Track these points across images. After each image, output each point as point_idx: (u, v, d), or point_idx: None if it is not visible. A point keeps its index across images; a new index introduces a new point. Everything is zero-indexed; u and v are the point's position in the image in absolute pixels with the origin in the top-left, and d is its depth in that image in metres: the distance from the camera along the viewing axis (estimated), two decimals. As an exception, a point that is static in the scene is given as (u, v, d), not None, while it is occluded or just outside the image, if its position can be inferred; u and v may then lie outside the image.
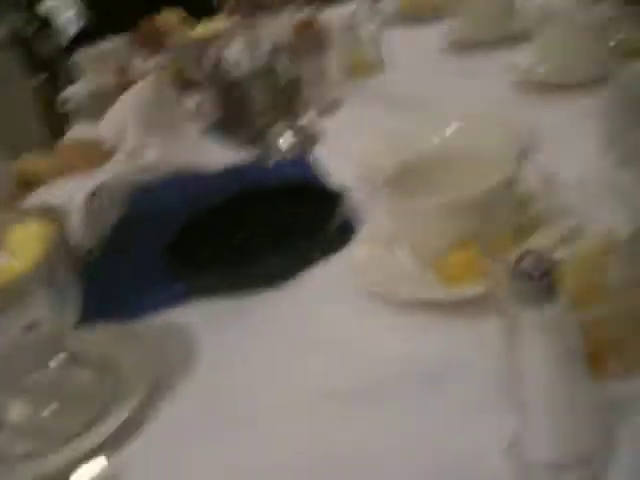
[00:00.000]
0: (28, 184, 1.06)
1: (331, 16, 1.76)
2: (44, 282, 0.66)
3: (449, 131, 1.10)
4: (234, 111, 1.41)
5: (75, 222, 0.84)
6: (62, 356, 0.74)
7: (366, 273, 0.81)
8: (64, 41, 5.19)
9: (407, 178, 0.82)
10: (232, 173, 1.10)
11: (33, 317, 0.66)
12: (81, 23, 5.47)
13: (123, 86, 1.26)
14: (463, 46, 1.54)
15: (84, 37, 2.81)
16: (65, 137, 1.26)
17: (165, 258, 0.96)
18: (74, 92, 1.68)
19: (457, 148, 0.89)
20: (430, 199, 0.78)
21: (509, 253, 0.58)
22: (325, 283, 0.87)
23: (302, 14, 1.64)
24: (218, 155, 1.10)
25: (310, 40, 1.49)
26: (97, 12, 5.08)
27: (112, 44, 1.75)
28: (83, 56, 1.72)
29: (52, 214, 0.74)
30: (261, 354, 0.79)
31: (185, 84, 1.56)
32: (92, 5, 5.42)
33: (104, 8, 4.84)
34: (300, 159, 1.24)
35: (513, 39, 1.45)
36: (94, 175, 0.96)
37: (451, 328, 0.71)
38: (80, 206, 0.88)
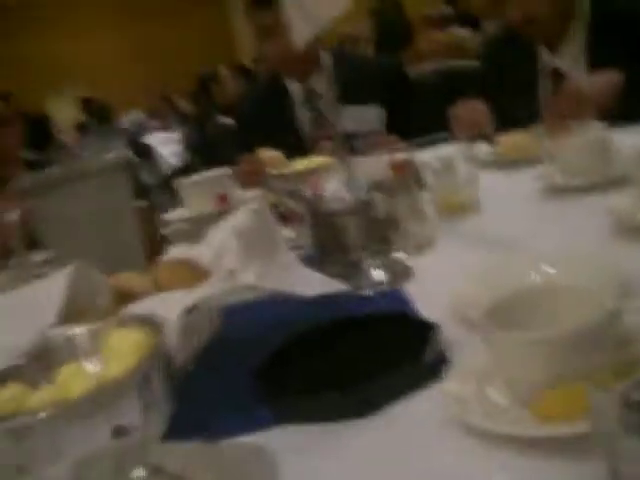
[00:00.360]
0: (123, 299, 1.08)
1: (428, 157, 1.80)
2: (136, 389, 0.66)
3: (544, 270, 1.09)
4: (329, 243, 1.43)
5: (170, 336, 0.84)
6: (144, 467, 0.74)
7: (458, 407, 0.78)
8: (166, 171, 5.46)
9: (503, 312, 0.80)
10: (325, 301, 1.11)
11: (122, 423, 0.66)
12: (180, 158, 5.76)
13: (224, 213, 1.30)
14: (559, 190, 1.55)
15: (184, 170, 2.94)
16: (163, 257, 1.29)
17: (254, 381, 0.96)
18: (175, 217, 1.74)
19: (554, 283, 0.88)
20: (530, 333, 0.76)
21: (612, 388, 0.56)
22: (415, 415, 0.84)
23: (399, 155, 1.68)
24: (312, 284, 1.10)
25: (406, 178, 1.52)
26: (194, 152, 5.37)
27: (213, 174, 1.82)
28: (184, 183, 1.79)
29: (151, 324, 0.75)
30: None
31: (283, 215, 1.60)
32: (190, 146, 5.73)
33: (201, 149, 5.11)
34: (392, 293, 1.24)
35: (610, 183, 1.45)
36: (191, 292, 0.98)
37: (549, 467, 0.68)
38: (176, 321, 0.89)
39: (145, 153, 5.97)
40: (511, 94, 2.37)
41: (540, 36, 2.30)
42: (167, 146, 6.30)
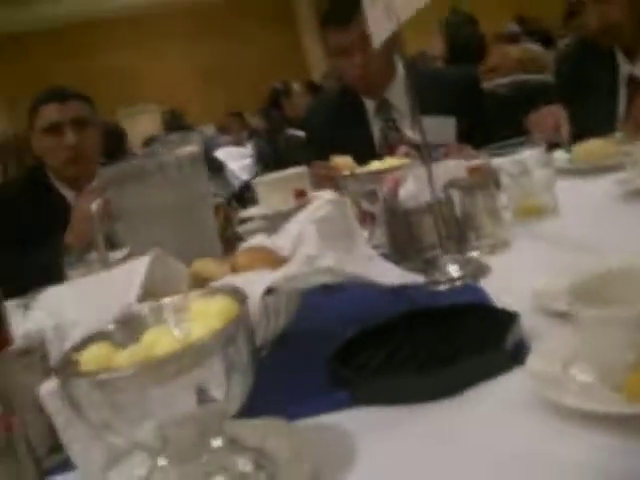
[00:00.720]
0: (202, 286, 1.09)
1: (504, 162, 1.78)
2: (220, 351, 0.66)
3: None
4: (405, 242, 1.43)
5: (251, 314, 0.85)
6: (223, 438, 0.74)
7: (546, 386, 0.77)
8: (235, 186, 5.53)
9: (588, 293, 0.78)
10: (402, 292, 1.10)
11: (205, 386, 0.66)
12: (251, 172, 5.83)
13: (302, 208, 1.30)
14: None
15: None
16: (240, 246, 1.30)
17: (331, 365, 0.95)
18: (252, 214, 1.76)
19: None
20: (620, 310, 0.74)
21: None
22: (495, 397, 0.83)
23: (475, 159, 1.67)
24: (390, 274, 1.10)
25: (483, 179, 1.51)
26: (265, 165, 5.42)
27: (289, 172, 1.83)
28: (261, 181, 1.80)
29: (235, 293, 0.75)
30: (425, 464, 0.75)
31: (359, 214, 1.60)
32: (261, 159, 5.79)
33: (272, 163, 5.15)
34: (470, 287, 1.23)
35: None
36: (271, 273, 0.98)
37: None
38: (257, 300, 0.89)
39: (216, 167, 6.03)
40: (589, 104, 2.33)
41: (619, 44, 2.27)
42: (237, 161, 6.37)
